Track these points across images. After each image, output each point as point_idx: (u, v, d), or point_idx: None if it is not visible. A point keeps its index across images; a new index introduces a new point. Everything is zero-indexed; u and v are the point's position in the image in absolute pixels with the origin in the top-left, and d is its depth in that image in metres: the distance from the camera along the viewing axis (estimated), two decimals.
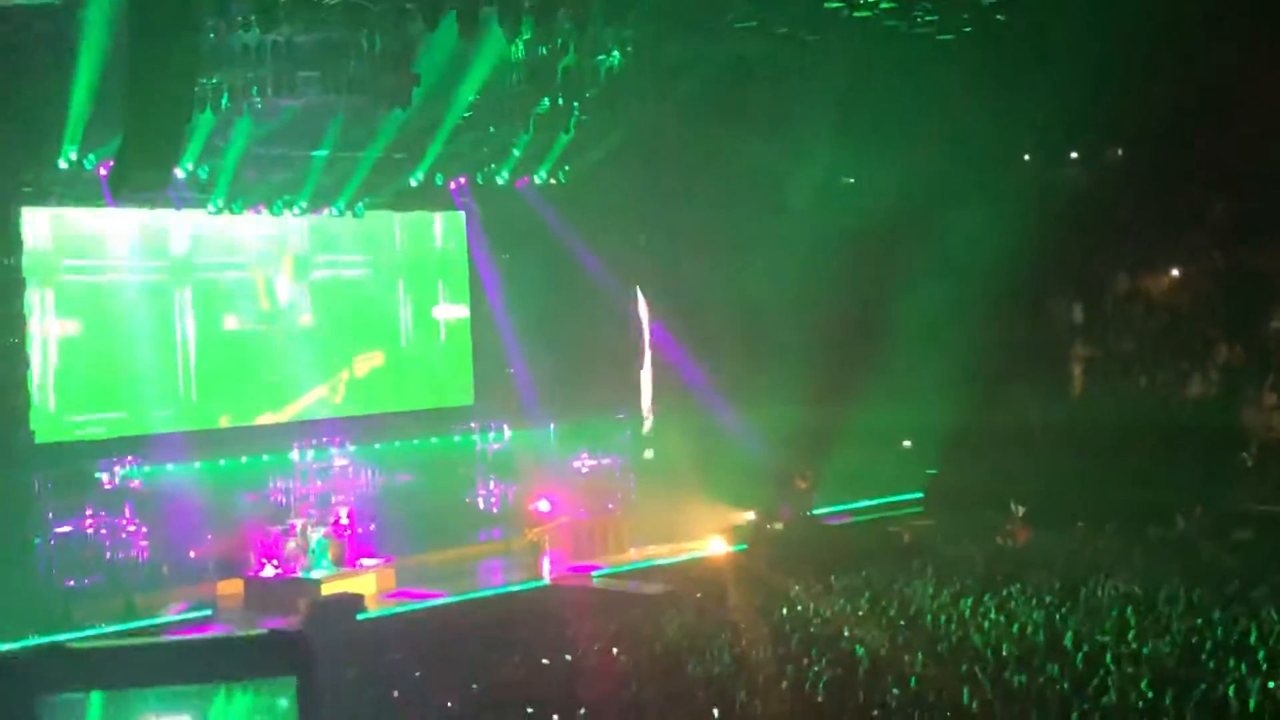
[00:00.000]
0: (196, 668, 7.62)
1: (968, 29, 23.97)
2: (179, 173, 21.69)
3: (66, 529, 21.67)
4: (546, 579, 22.79)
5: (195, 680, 7.45)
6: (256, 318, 25.19)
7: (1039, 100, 26.07)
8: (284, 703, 7.37)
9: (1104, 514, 23.07)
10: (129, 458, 22.47)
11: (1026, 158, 30.24)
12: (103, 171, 21.05)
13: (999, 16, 23.57)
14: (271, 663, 7.57)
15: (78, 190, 22.15)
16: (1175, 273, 28.59)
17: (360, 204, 25.05)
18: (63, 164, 20.80)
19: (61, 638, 17.58)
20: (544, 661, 16.15)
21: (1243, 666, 13.88)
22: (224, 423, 24.54)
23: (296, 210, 24.43)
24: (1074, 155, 30.34)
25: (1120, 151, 30.33)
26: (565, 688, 14.81)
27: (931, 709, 13.00)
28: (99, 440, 22.84)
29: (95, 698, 7.31)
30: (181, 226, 24.10)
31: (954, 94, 25.45)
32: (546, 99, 22.61)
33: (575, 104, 22.68)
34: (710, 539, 24.40)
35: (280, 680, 7.41)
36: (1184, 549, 21.38)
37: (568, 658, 16.35)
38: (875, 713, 13.03)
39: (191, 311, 24.31)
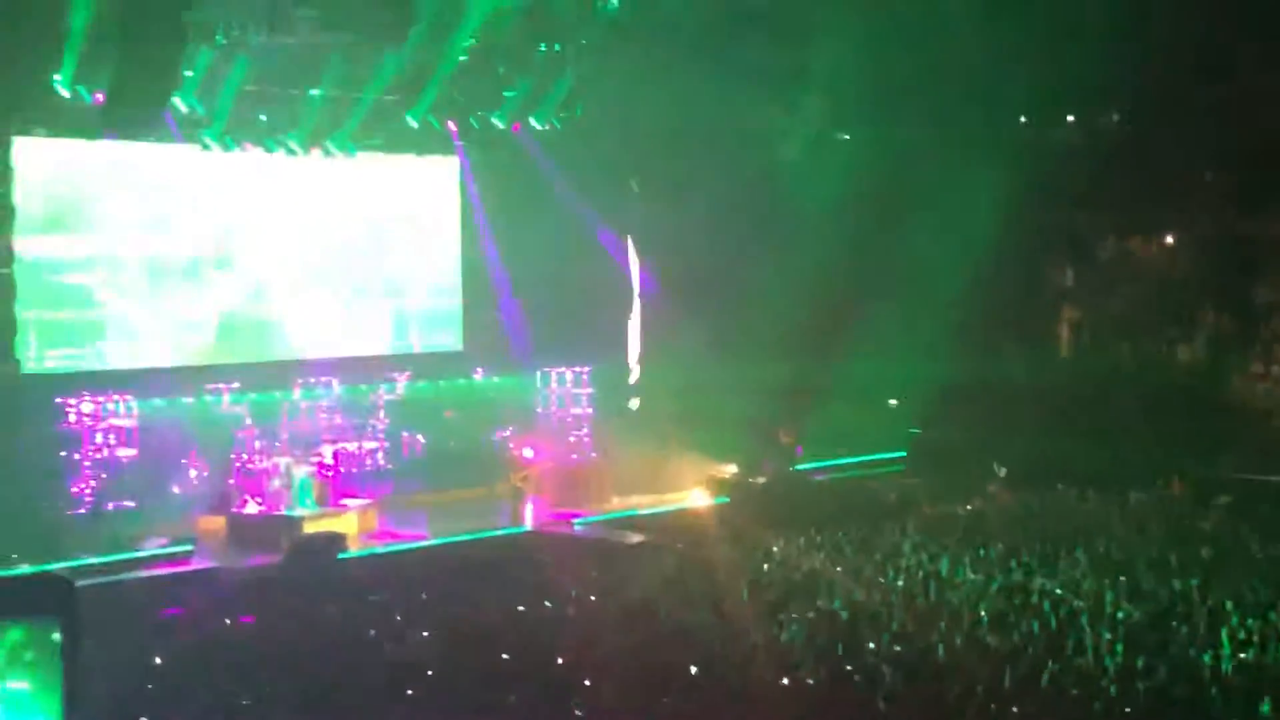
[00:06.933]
0: None
1: None
2: (182, 108, 21.73)
3: (53, 461, 21.60)
4: (528, 525, 22.85)
5: None
6: None
7: (1036, 63, 25.99)
8: (54, 639, 7.53)
9: (1086, 477, 23.20)
10: (118, 391, 22.36)
11: (1023, 120, 30.20)
12: (99, 97, 20.90)
13: None
14: (36, 602, 7.68)
15: (70, 120, 21.99)
16: (1166, 239, 28.62)
17: (353, 145, 24.88)
18: (64, 92, 20.71)
19: (47, 567, 17.70)
20: (520, 608, 16.16)
21: (1222, 633, 13.98)
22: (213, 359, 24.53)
23: (291, 149, 24.26)
24: (1070, 119, 30.29)
25: (1115, 117, 30.34)
26: (543, 635, 14.87)
27: (907, 664, 13.09)
28: (87, 373, 22.79)
29: None
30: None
31: (951, 53, 25.37)
32: (544, 43, 22.45)
33: (572, 49, 22.52)
34: (692, 491, 24.49)
35: (46, 620, 7.56)
36: (1164, 514, 21.51)
37: (547, 604, 16.38)
38: (849, 666, 13.11)
39: None
